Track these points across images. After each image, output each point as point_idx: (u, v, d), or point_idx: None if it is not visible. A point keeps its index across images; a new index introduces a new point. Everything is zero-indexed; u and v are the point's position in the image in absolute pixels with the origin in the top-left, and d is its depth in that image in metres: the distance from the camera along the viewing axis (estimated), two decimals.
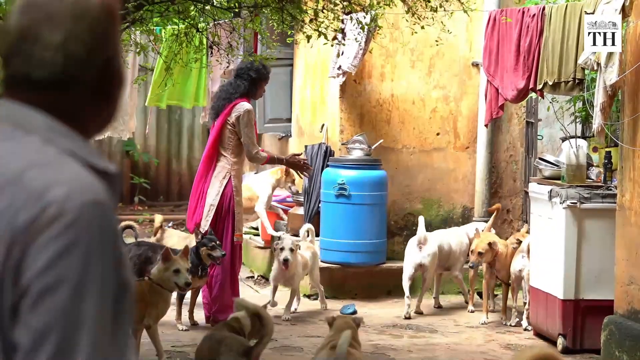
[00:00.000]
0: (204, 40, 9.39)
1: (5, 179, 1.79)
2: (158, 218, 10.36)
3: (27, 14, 1.89)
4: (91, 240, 1.76)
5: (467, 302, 10.00)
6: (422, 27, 7.95)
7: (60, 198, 1.76)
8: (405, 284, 9.60)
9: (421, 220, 9.81)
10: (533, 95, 9.20)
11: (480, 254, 9.15)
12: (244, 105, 9.07)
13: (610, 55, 7.49)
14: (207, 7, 8.08)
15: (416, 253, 9.64)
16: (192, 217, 9.18)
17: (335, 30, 7.99)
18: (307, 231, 9.96)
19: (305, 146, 11.29)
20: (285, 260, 9.10)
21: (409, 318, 9.51)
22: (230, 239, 9.03)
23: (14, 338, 1.72)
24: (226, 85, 9.42)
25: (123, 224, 9.17)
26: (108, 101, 1.97)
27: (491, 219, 10.07)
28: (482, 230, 9.70)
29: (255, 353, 5.94)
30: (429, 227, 10.86)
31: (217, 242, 8.70)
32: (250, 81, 9.15)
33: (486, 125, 10.05)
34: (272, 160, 9.43)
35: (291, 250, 9.09)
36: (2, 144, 1.85)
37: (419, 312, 9.76)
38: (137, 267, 8.76)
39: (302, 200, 11.00)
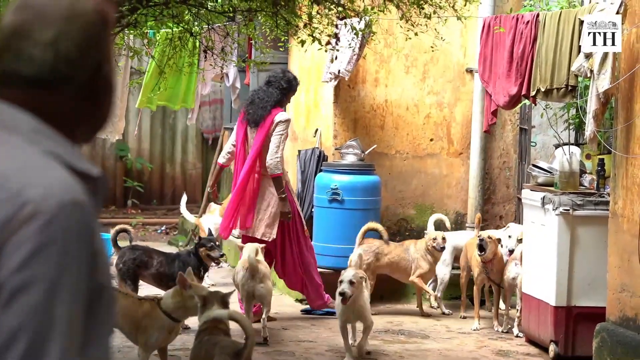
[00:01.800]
0: (198, 44, 9.40)
1: None
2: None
3: (21, 13, 1.91)
4: (66, 241, 1.75)
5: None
6: (416, 34, 7.96)
7: (37, 197, 1.76)
8: None
9: (430, 219, 10.49)
10: (527, 102, 9.21)
11: (489, 237, 9.18)
12: (284, 115, 9.41)
13: (603, 62, 7.50)
14: (202, 12, 8.09)
15: None
16: (231, 223, 9.47)
17: (329, 36, 7.99)
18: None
19: (299, 151, 11.29)
20: (341, 294, 7.96)
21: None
22: (303, 237, 9.61)
23: None
24: (259, 92, 9.60)
25: (117, 227, 9.15)
26: (96, 106, 1.98)
27: (476, 229, 10.06)
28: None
29: (245, 355, 5.98)
30: (422, 233, 10.87)
31: (217, 242, 8.79)
32: (280, 90, 9.43)
33: (486, 132, 10.04)
34: (278, 183, 9.37)
35: (351, 282, 7.94)
36: None
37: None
38: (131, 271, 8.74)
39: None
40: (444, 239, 9.74)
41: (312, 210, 10.70)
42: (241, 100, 12.67)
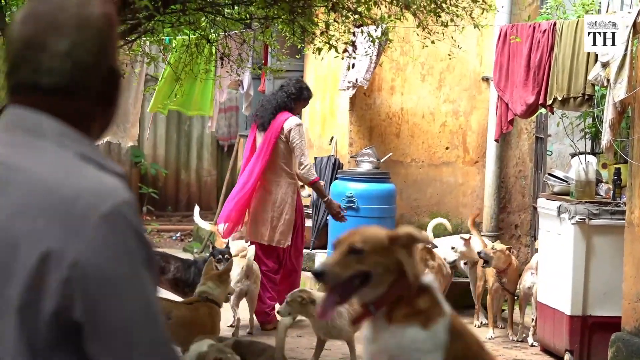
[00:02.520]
0: (214, 51, 9.42)
1: (30, 186, 1.84)
2: None
3: (30, 24, 1.94)
4: (131, 238, 1.85)
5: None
6: (433, 42, 7.95)
7: (94, 202, 1.82)
8: None
9: (429, 224, 10.13)
10: (543, 110, 9.19)
11: (494, 249, 9.11)
12: (295, 120, 9.41)
13: (619, 71, 7.48)
14: (218, 18, 8.10)
15: None
16: (239, 226, 9.60)
17: (346, 43, 8.00)
18: None
19: (315, 158, 11.29)
20: (277, 312, 7.69)
21: None
22: (300, 248, 9.63)
23: (87, 349, 1.81)
24: (268, 96, 9.83)
25: None
26: (109, 107, 2.02)
27: (472, 230, 9.95)
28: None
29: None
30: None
31: (227, 255, 8.78)
32: (287, 95, 9.47)
33: (497, 140, 10.03)
34: (318, 189, 9.50)
35: (287, 302, 7.52)
36: (17, 150, 1.89)
37: None
38: None
39: (311, 212, 10.99)
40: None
41: (327, 218, 10.70)
42: (253, 108, 12.71)
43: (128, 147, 14.78)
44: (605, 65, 7.65)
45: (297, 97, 9.49)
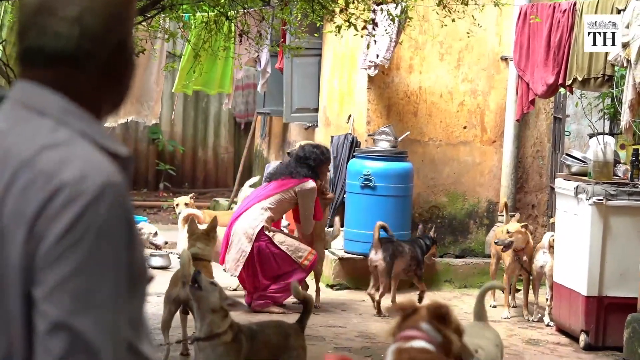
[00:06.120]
0: (233, 28, 9.41)
1: (19, 162, 1.82)
2: None
3: None
4: (105, 222, 1.78)
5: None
6: (453, 20, 7.94)
7: (74, 179, 1.78)
8: None
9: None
10: (562, 90, 9.17)
11: (509, 231, 9.13)
12: (310, 183, 9.25)
13: None
14: None
15: None
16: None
17: (366, 22, 7.98)
18: None
19: (332, 137, 11.30)
20: None
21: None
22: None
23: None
24: (291, 164, 9.46)
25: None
26: (119, 84, 2.00)
27: (505, 216, 10.01)
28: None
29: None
30: (454, 221, 10.86)
31: None
32: (309, 168, 9.32)
33: (518, 120, 10.01)
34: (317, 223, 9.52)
35: None
36: (16, 126, 1.88)
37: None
38: None
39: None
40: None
41: (344, 196, 10.72)
42: (270, 86, 12.71)
43: (149, 125, 14.82)
44: (625, 45, 7.62)
45: (320, 164, 9.41)
